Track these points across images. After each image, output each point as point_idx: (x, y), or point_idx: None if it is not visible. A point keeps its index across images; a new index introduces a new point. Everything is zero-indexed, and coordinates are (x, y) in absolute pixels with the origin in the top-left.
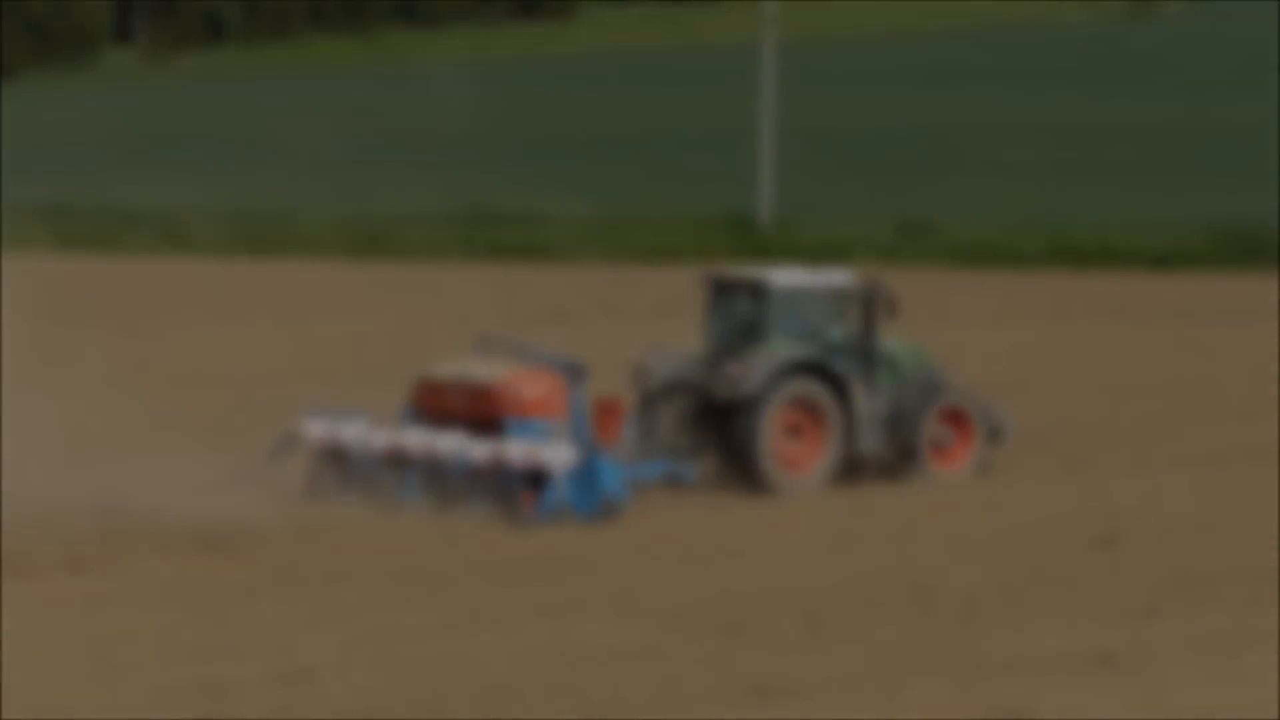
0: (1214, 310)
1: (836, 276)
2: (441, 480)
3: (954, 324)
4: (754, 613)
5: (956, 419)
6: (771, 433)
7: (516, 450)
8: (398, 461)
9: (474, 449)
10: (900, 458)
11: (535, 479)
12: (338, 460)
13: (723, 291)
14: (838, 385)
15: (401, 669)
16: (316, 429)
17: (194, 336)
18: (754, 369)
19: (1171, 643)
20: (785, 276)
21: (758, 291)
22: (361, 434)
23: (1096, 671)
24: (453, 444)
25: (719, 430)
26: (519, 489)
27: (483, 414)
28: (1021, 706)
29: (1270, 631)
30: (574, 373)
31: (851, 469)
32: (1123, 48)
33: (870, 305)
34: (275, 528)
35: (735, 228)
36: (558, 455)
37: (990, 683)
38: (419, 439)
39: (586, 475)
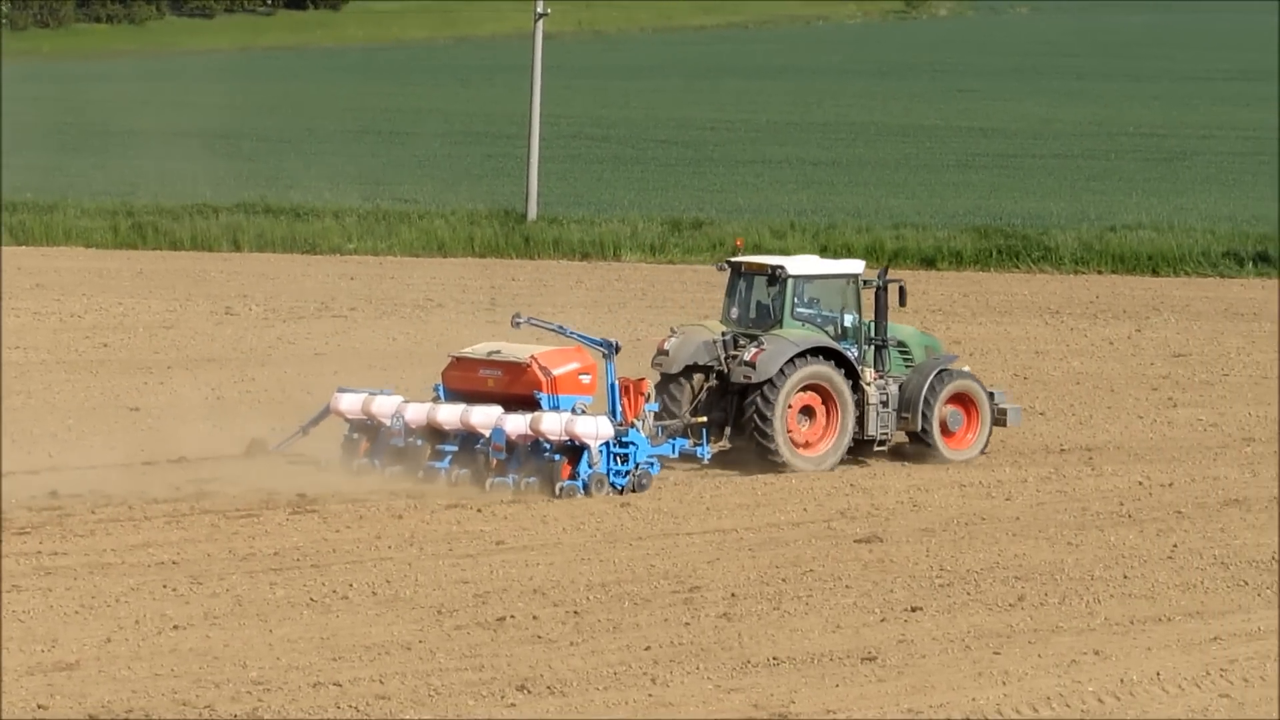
0: (979, 308)
1: (850, 264)
2: (475, 453)
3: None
4: (519, 608)
5: (964, 402)
6: (786, 414)
7: (553, 423)
8: (432, 435)
9: (510, 422)
10: (911, 439)
11: (572, 451)
12: (370, 433)
13: (741, 277)
14: (850, 369)
15: (163, 661)
16: (350, 403)
17: None
18: (771, 352)
19: (933, 640)
20: (801, 263)
21: (775, 277)
22: (395, 408)
23: (859, 669)
24: (488, 417)
25: (735, 410)
26: (556, 460)
27: (515, 390)
28: (784, 704)
29: (1029, 629)
30: (608, 350)
31: (863, 451)
32: (894, 45)
33: (882, 292)
34: (38, 520)
35: (504, 222)
36: (594, 428)
37: (753, 680)
38: (453, 413)
39: (620, 448)
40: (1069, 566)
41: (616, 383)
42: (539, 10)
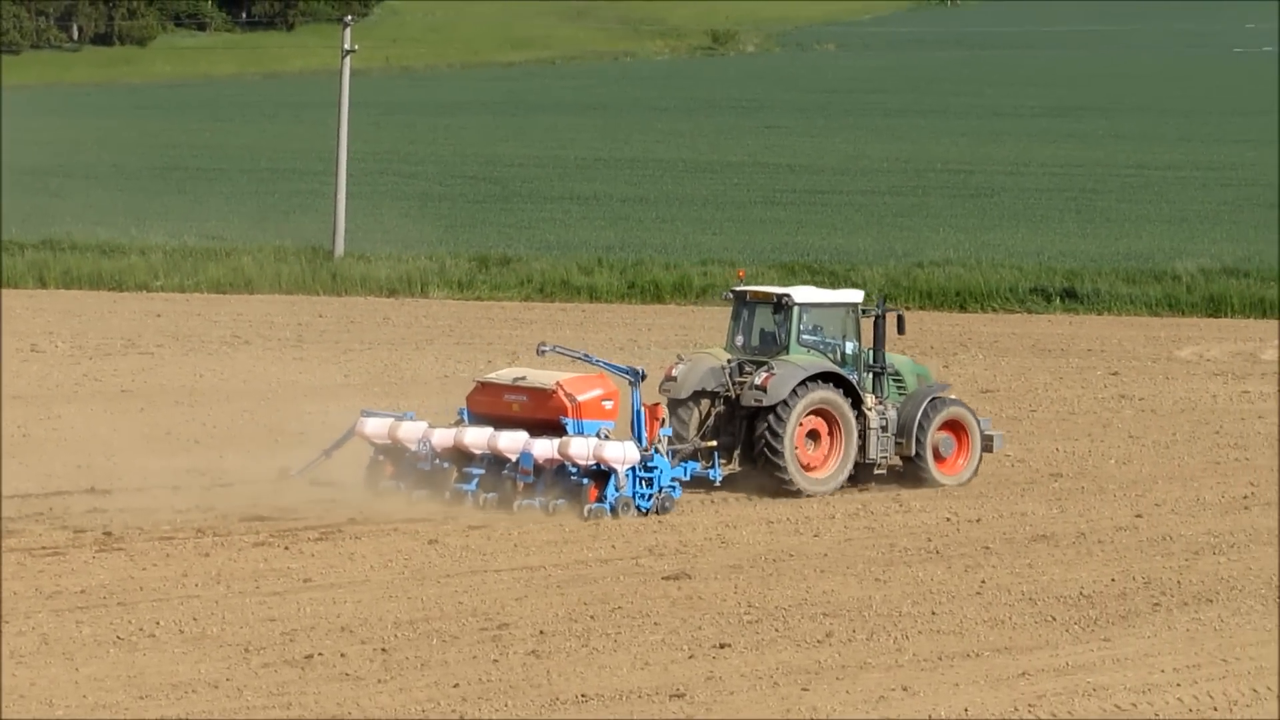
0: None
1: (850, 294)
2: (502, 477)
3: (529, 354)
4: (326, 645)
5: (956, 428)
6: (794, 437)
7: (581, 448)
8: (459, 459)
9: (538, 446)
10: (906, 464)
11: (599, 474)
12: (395, 456)
13: (745, 305)
14: (853, 394)
15: None
16: (375, 427)
17: None
18: (781, 376)
19: (741, 677)
20: (805, 293)
21: (781, 305)
22: (421, 432)
23: (667, 706)
24: (515, 442)
25: (745, 433)
26: (584, 483)
27: (540, 415)
28: None
29: (837, 665)
30: (634, 377)
31: (862, 475)
32: (702, 82)
33: (880, 321)
34: None
35: (312, 259)
36: (621, 453)
37: (562, 717)
38: (480, 437)
39: (645, 472)
40: (877, 603)
41: (642, 409)
42: (346, 46)
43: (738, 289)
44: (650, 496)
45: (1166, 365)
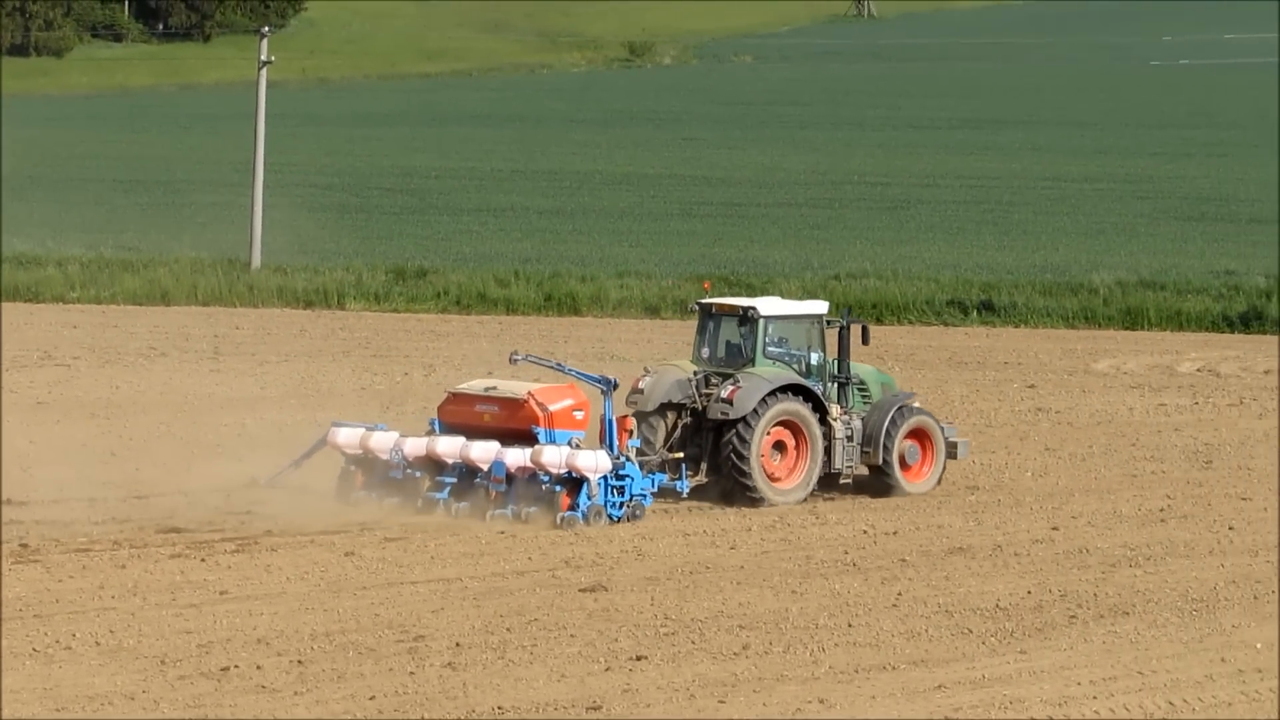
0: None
1: (815, 305)
2: (474, 485)
3: (446, 367)
4: (242, 658)
5: (921, 437)
6: (761, 449)
7: (554, 456)
8: (431, 468)
9: (510, 455)
10: (872, 473)
11: (571, 483)
12: (366, 466)
13: (710, 317)
14: (818, 405)
15: None
16: (346, 437)
17: None
18: (747, 389)
19: (658, 690)
20: (771, 305)
21: (747, 318)
22: (392, 442)
23: (584, 718)
24: (487, 451)
25: (711, 445)
26: (556, 491)
27: (512, 425)
28: None
29: (754, 678)
30: (606, 387)
31: (828, 485)
32: (618, 94)
33: (845, 332)
34: None
35: (229, 271)
36: (594, 462)
37: None
38: (452, 446)
39: (616, 480)
40: (794, 615)
41: (615, 419)
42: (263, 58)
43: (703, 301)
44: (622, 505)
45: (1083, 378)
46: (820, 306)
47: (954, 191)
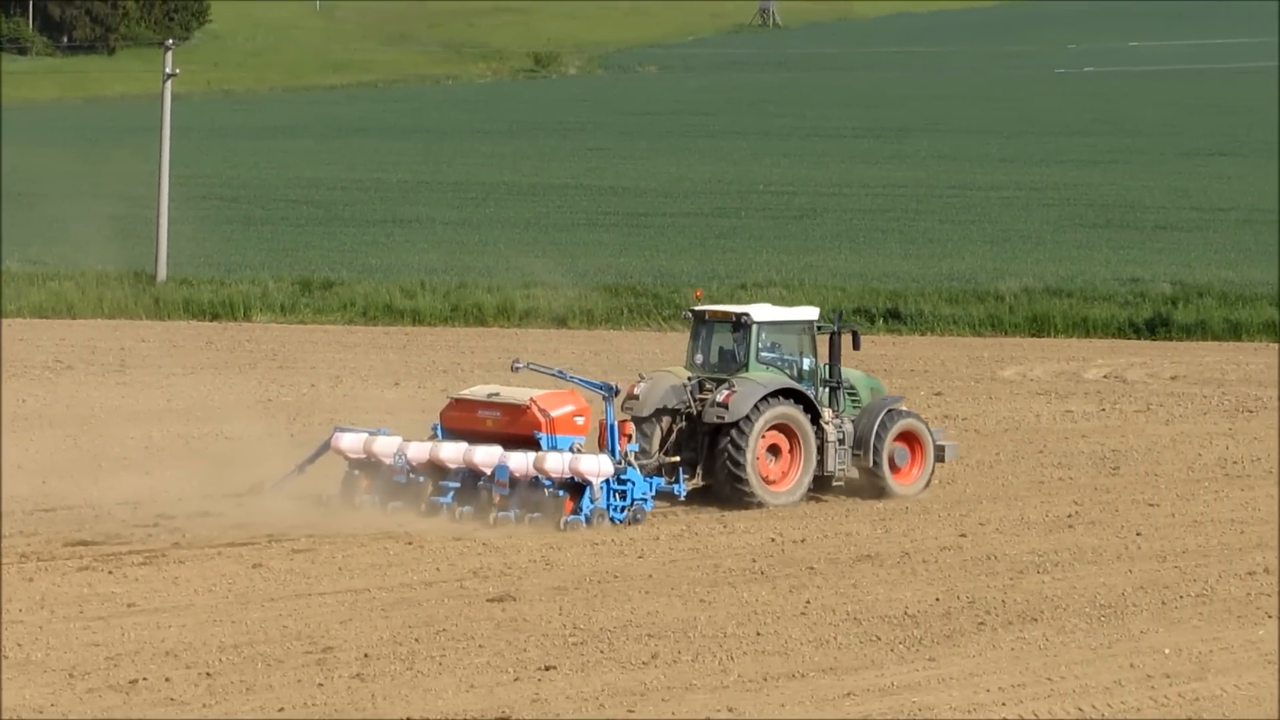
0: (610, 366)
1: (806, 311)
2: (477, 489)
3: (353, 378)
4: (151, 670)
5: (910, 440)
6: (756, 452)
7: (557, 462)
8: (434, 473)
9: (514, 460)
10: (863, 475)
11: (574, 487)
12: (370, 471)
13: (703, 324)
14: (811, 409)
15: None
16: (350, 442)
17: None
18: (742, 394)
19: (567, 699)
20: (764, 311)
21: (740, 324)
22: (396, 447)
23: None
24: (490, 456)
25: (706, 449)
26: (560, 496)
27: (514, 430)
28: None
29: (663, 687)
30: (608, 393)
31: (821, 487)
32: (524, 104)
33: (836, 337)
34: None
35: (134, 284)
36: (597, 466)
37: None
38: (456, 451)
39: (619, 485)
40: (702, 624)
41: (616, 424)
42: (167, 71)
43: (697, 309)
44: (624, 509)
45: (990, 385)
46: (811, 313)
47: (860, 200)
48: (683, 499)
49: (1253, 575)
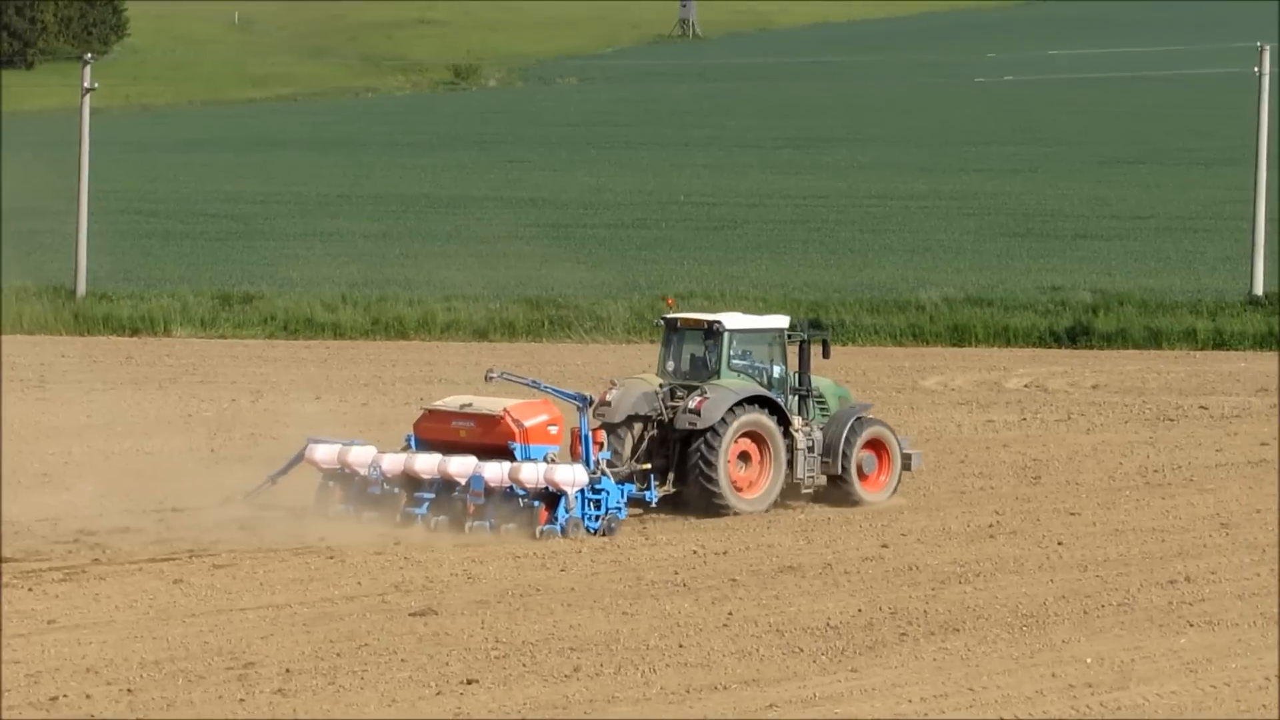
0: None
1: (777, 320)
2: (452, 500)
3: (274, 392)
4: (71, 687)
5: (878, 447)
6: (728, 458)
7: (532, 472)
8: (409, 484)
9: (489, 470)
10: (831, 482)
11: (549, 497)
12: (345, 482)
13: (675, 332)
14: (782, 416)
15: None
16: (324, 453)
17: None
18: (714, 400)
19: (489, 713)
20: (735, 319)
21: (712, 332)
22: (370, 458)
23: None
24: (465, 466)
25: (678, 456)
26: (535, 506)
27: (488, 441)
28: None
29: (585, 700)
30: (582, 403)
31: (790, 494)
32: (443, 117)
33: (806, 345)
34: None
35: (53, 299)
36: (571, 476)
37: None
38: (430, 462)
39: (593, 494)
40: (625, 636)
41: (590, 434)
42: (86, 85)
43: (668, 316)
44: (598, 518)
45: (911, 395)
46: (782, 321)
47: (780, 210)
48: (654, 505)
49: (1174, 584)
